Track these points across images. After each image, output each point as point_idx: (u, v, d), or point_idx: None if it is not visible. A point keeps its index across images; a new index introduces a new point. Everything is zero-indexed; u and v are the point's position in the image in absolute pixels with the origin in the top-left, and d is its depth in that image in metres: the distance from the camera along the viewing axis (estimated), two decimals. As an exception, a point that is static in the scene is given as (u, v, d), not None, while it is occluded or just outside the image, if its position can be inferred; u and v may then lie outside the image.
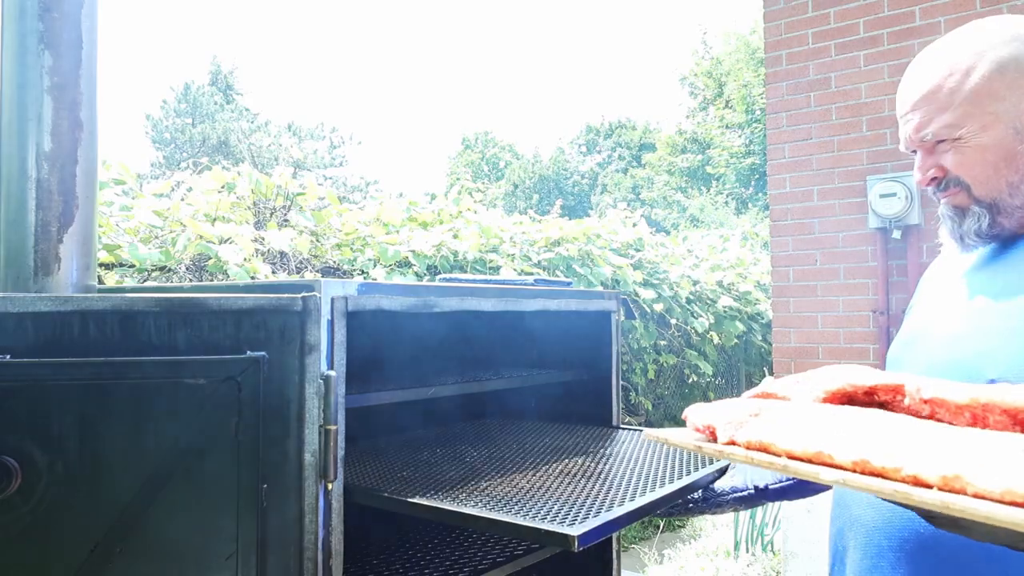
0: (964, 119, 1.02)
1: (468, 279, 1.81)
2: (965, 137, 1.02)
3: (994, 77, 1.00)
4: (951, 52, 1.05)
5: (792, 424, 0.81)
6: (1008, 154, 1.01)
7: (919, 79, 1.07)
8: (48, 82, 1.31)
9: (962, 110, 1.02)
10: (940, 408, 0.79)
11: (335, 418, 1.11)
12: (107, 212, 3.08)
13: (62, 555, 1.02)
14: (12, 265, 1.31)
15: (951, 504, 0.62)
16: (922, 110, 1.06)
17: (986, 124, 1.01)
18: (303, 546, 1.10)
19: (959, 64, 1.02)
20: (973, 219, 1.06)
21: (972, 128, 1.01)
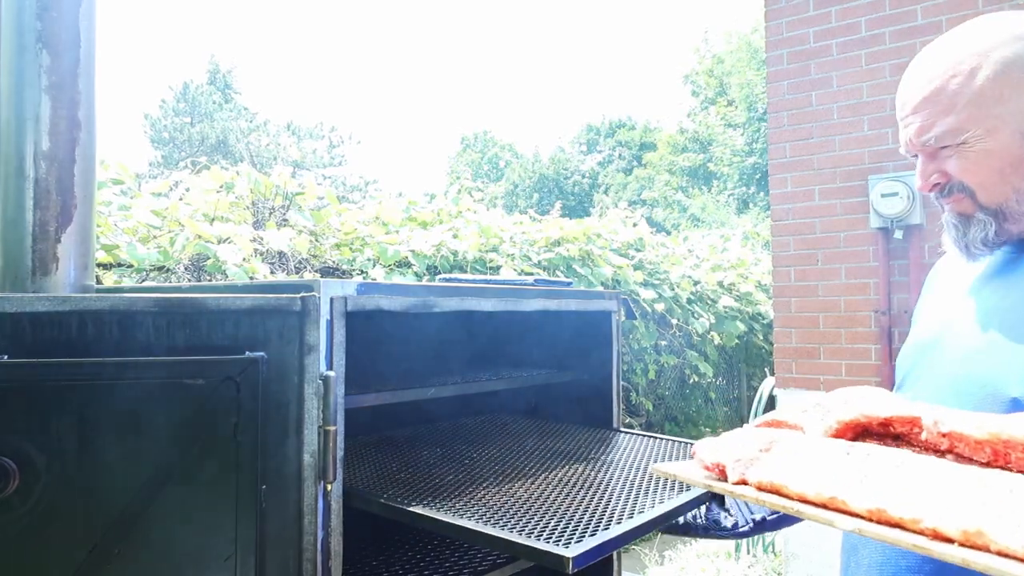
0: (968, 123, 0.97)
1: (468, 279, 1.80)
2: (969, 142, 0.97)
3: (999, 79, 0.95)
4: (953, 52, 1.00)
5: (805, 464, 0.78)
6: (1015, 159, 0.96)
7: (920, 80, 1.02)
8: (46, 81, 1.30)
9: (966, 114, 0.97)
10: (959, 443, 0.76)
11: (334, 419, 1.10)
12: (105, 212, 3.08)
13: (60, 556, 1.01)
14: (10, 265, 1.30)
15: (972, 562, 0.60)
16: (923, 113, 1.01)
17: (991, 128, 0.96)
18: (302, 547, 1.09)
19: (962, 65, 0.98)
20: (979, 227, 1.02)
21: (977, 132, 0.97)
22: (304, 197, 3.85)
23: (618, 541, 1.08)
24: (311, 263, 3.43)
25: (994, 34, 0.97)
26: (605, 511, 1.21)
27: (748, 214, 19.66)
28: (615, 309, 1.86)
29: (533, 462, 1.55)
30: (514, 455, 1.62)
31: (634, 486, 1.37)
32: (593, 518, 1.16)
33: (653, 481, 1.41)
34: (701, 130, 24.41)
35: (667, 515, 1.21)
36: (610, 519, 1.16)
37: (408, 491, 1.29)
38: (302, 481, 1.09)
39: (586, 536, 1.07)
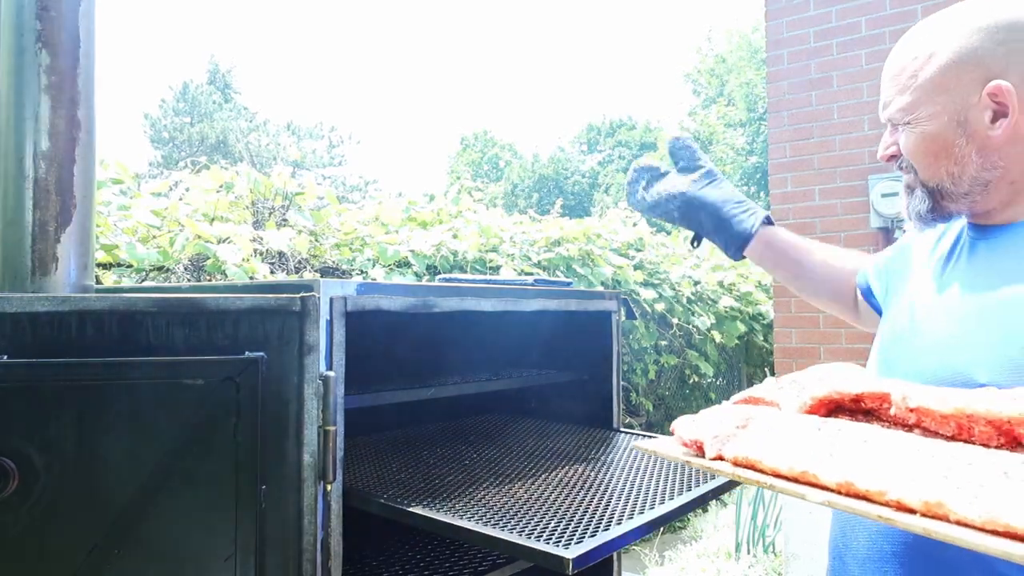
0: (915, 105, 1.04)
1: (468, 279, 1.80)
2: (914, 123, 1.05)
3: (948, 68, 1.01)
4: (922, 36, 1.06)
5: (779, 440, 0.82)
6: (947, 145, 1.03)
7: (893, 58, 1.10)
8: (45, 81, 1.30)
9: (914, 96, 1.04)
10: (926, 417, 0.80)
11: (334, 419, 1.10)
12: (105, 212, 3.07)
13: (60, 557, 1.01)
14: (9, 265, 1.30)
15: (932, 531, 0.63)
16: (888, 88, 1.09)
17: (933, 113, 1.02)
18: (302, 547, 1.09)
19: (923, 49, 1.04)
20: (916, 201, 1.10)
21: (920, 115, 1.03)
22: (304, 197, 3.84)
23: (618, 542, 1.08)
24: (311, 263, 3.43)
25: (959, 24, 1.02)
26: (605, 512, 1.21)
27: (748, 214, 19.61)
28: (615, 309, 1.86)
29: (533, 462, 1.55)
30: (514, 455, 1.62)
31: (634, 487, 1.37)
32: (593, 519, 1.16)
33: (653, 481, 1.41)
34: (702, 129, 24.39)
35: (667, 516, 1.21)
36: (610, 520, 1.16)
37: (408, 491, 1.29)
38: (302, 481, 1.09)
39: (586, 537, 1.07)
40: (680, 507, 1.26)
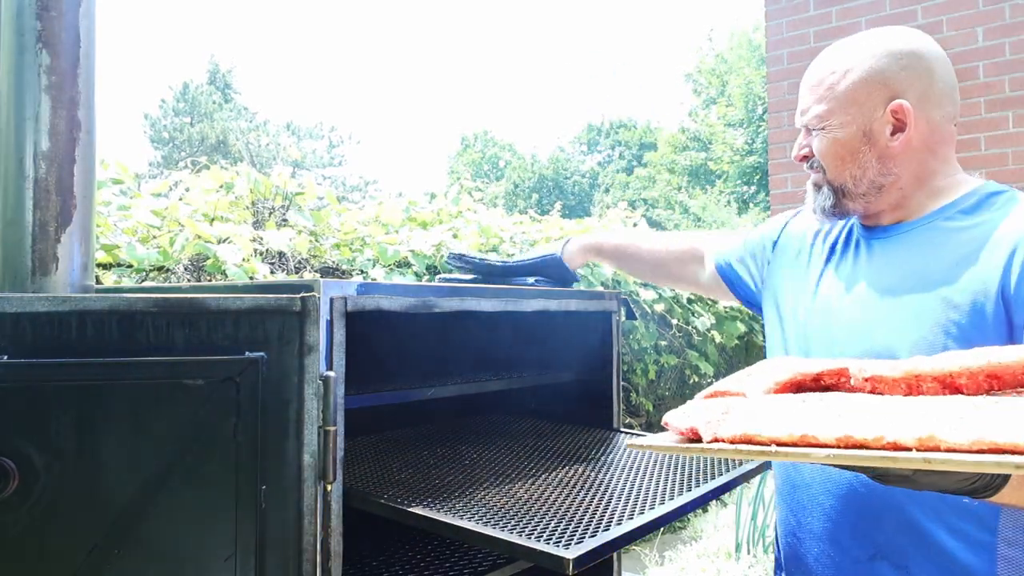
0: (829, 114, 1.20)
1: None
2: (827, 129, 1.20)
3: (859, 84, 1.17)
4: (842, 52, 1.22)
5: (769, 414, 0.88)
6: (853, 151, 1.19)
7: (813, 69, 1.26)
8: (45, 81, 1.30)
9: (829, 106, 1.20)
10: (880, 384, 0.92)
11: (334, 419, 1.10)
12: (105, 212, 3.07)
13: (60, 557, 1.01)
14: (9, 265, 1.30)
15: (932, 459, 0.72)
16: (806, 97, 1.25)
17: (844, 122, 1.19)
18: (302, 547, 1.09)
19: (841, 65, 1.20)
20: (823, 197, 1.25)
21: (833, 123, 1.19)
22: (304, 197, 3.84)
23: (618, 542, 1.08)
24: (311, 263, 3.43)
25: (873, 46, 1.18)
26: (605, 512, 1.21)
27: (748, 214, 19.65)
28: (615, 309, 1.86)
29: (533, 463, 1.55)
30: (514, 455, 1.62)
31: (634, 487, 1.37)
32: (593, 519, 1.16)
33: (653, 482, 1.41)
34: (702, 129, 24.38)
35: (667, 516, 1.21)
36: (610, 520, 1.16)
37: (408, 491, 1.29)
38: (302, 481, 1.09)
39: (586, 537, 1.07)
40: (680, 507, 1.26)
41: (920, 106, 1.15)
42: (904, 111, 1.14)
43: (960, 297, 1.07)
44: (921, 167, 1.18)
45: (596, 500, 1.28)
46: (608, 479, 1.43)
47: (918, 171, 1.18)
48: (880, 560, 1.13)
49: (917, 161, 1.17)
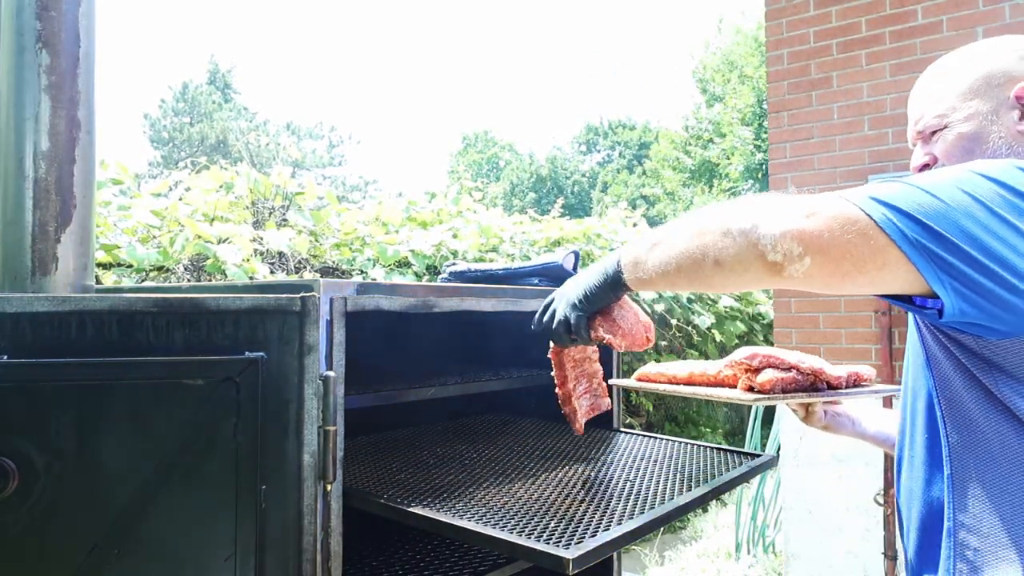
0: (951, 110, 1.15)
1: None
2: (950, 125, 1.14)
3: (978, 78, 1.13)
4: (949, 59, 1.19)
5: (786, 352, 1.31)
6: (981, 140, 1.12)
7: (920, 84, 1.21)
8: (45, 81, 1.30)
9: (950, 102, 1.15)
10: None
11: (334, 419, 1.10)
12: (105, 212, 3.07)
13: (60, 556, 1.01)
14: (9, 265, 1.30)
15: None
16: (917, 107, 1.19)
17: (967, 115, 1.13)
18: (302, 547, 1.09)
19: (953, 67, 1.18)
20: None
21: (956, 118, 1.14)
22: (304, 197, 3.84)
23: (618, 542, 1.08)
24: (311, 263, 3.43)
25: (982, 46, 1.16)
26: (605, 512, 1.21)
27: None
28: (615, 309, 1.86)
29: (533, 462, 1.55)
30: (514, 455, 1.62)
31: (634, 487, 1.37)
32: (593, 519, 1.16)
33: (653, 481, 1.41)
34: (705, 126, 24.37)
35: (667, 516, 1.21)
36: (610, 520, 1.16)
37: (408, 491, 1.29)
38: (302, 481, 1.09)
39: (586, 537, 1.07)
40: (680, 507, 1.26)
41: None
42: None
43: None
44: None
45: (596, 500, 1.28)
46: (608, 479, 1.43)
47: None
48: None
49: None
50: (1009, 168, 0.93)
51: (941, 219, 0.87)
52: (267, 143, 24.35)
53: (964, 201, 0.88)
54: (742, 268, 0.95)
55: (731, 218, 0.94)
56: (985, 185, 0.90)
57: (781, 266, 0.90)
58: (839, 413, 1.44)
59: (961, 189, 0.89)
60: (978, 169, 0.92)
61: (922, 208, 0.87)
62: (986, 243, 0.87)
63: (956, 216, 0.87)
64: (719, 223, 0.96)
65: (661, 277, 1.07)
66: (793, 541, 3.76)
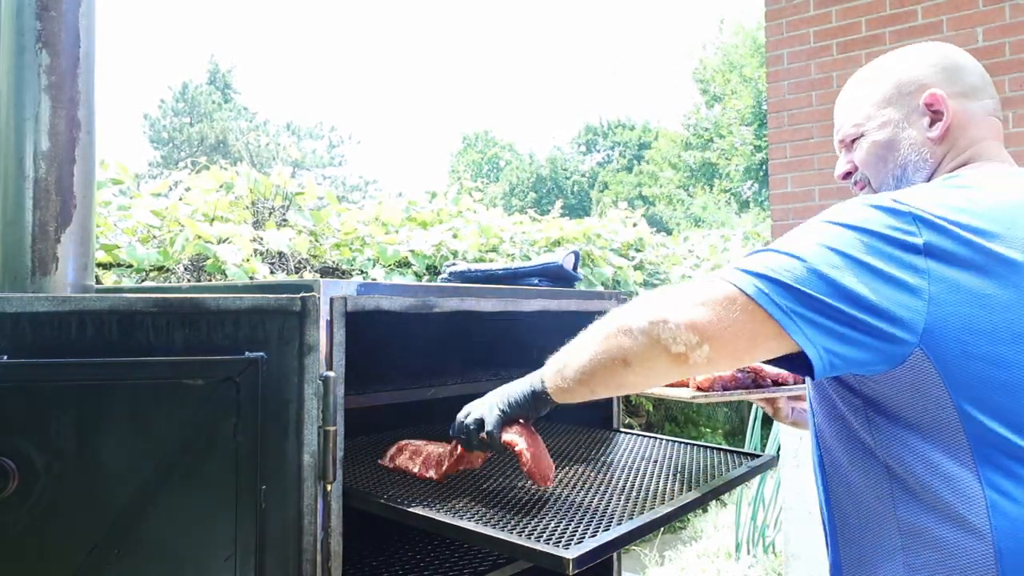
0: (866, 118, 1.20)
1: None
2: (866, 133, 1.19)
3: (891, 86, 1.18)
4: (868, 68, 1.25)
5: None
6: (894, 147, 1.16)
7: (843, 92, 1.28)
8: (45, 81, 1.30)
9: (865, 111, 1.20)
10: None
11: (334, 419, 1.10)
12: (105, 212, 3.07)
13: (60, 556, 1.01)
14: (9, 265, 1.30)
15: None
16: (840, 116, 1.25)
17: (881, 123, 1.18)
18: (302, 547, 1.09)
19: (870, 76, 1.23)
20: None
21: (870, 126, 1.19)
22: (304, 197, 3.84)
23: (618, 543, 1.08)
24: (311, 263, 3.43)
25: (897, 55, 1.21)
26: (605, 512, 1.21)
27: (749, 214, 19.65)
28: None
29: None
30: (514, 455, 1.61)
31: (634, 487, 1.37)
32: (593, 519, 1.16)
33: (653, 482, 1.41)
34: (705, 126, 24.37)
35: (667, 516, 1.21)
36: (610, 520, 1.16)
37: (408, 491, 1.29)
38: (302, 481, 1.09)
39: (586, 537, 1.07)
40: (680, 507, 1.26)
41: (955, 96, 1.13)
42: (938, 99, 1.12)
43: None
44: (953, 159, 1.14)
45: (596, 500, 1.28)
46: (608, 479, 1.43)
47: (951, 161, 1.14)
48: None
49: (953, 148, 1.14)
50: (862, 209, 0.95)
51: (810, 282, 0.90)
52: (267, 143, 24.36)
53: (825, 256, 0.91)
54: (650, 363, 0.97)
55: (632, 318, 0.98)
56: (842, 234, 0.92)
57: (685, 356, 0.93)
58: (805, 409, 1.46)
59: (821, 244, 0.92)
60: (832, 219, 0.95)
61: (790, 274, 0.90)
62: (849, 293, 0.89)
63: (816, 275, 0.90)
64: (621, 325, 1.00)
65: (581, 385, 1.10)
66: (793, 541, 3.76)
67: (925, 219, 0.91)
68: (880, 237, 0.90)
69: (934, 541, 0.92)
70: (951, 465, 0.91)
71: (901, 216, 0.91)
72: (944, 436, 0.91)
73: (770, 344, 0.92)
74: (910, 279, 0.88)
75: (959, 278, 0.89)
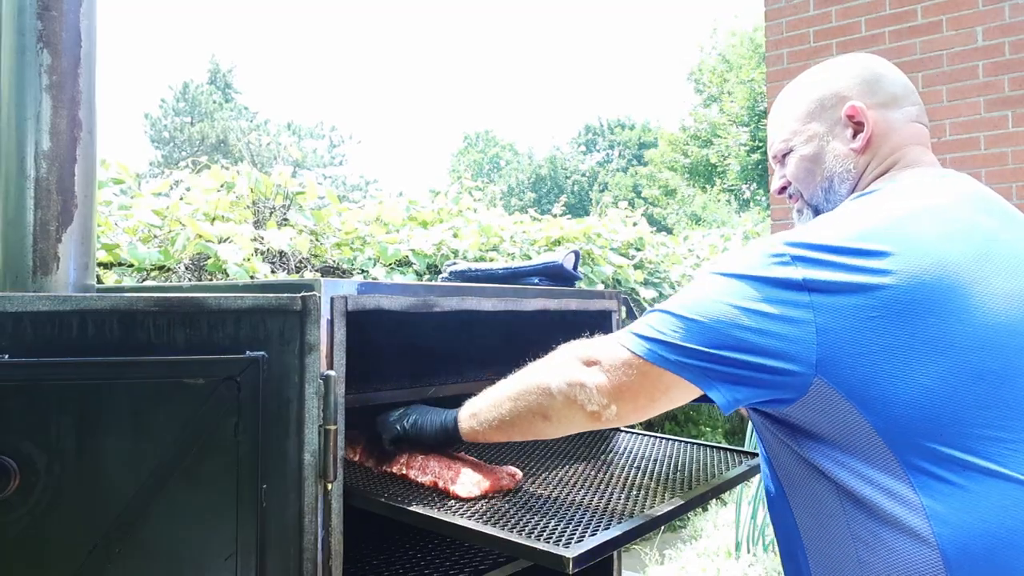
0: (793, 134, 1.23)
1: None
2: (794, 149, 1.22)
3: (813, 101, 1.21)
4: (792, 85, 1.27)
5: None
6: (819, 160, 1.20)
7: (772, 111, 1.29)
8: (47, 81, 1.30)
9: (791, 127, 1.23)
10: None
11: (335, 418, 1.10)
12: (106, 211, 3.07)
13: (61, 556, 1.01)
14: (11, 264, 1.30)
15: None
16: (771, 134, 1.28)
17: (807, 137, 1.21)
18: (303, 546, 1.09)
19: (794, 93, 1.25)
20: (805, 219, 1.25)
21: (797, 141, 1.22)
22: (305, 197, 3.84)
23: (618, 541, 1.08)
24: (312, 262, 3.43)
25: (818, 70, 1.24)
26: (606, 511, 1.21)
27: (748, 213, 19.64)
28: (615, 308, 1.86)
29: (533, 461, 1.56)
30: (514, 454, 1.62)
31: (635, 486, 1.37)
32: (593, 518, 1.16)
33: (653, 480, 1.42)
34: (704, 127, 24.35)
35: (667, 515, 1.22)
36: (611, 519, 1.16)
37: (409, 490, 1.29)
38: (303, 480, 1.09)
39: (586, 536, 1.07)
40: (680, 506, 1.26)
41: (875, 106, 1.16)
42: (858, 111, 1.16)
43: None
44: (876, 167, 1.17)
45: (596, 499, 1.28)
46: (608, 478, 1.43)
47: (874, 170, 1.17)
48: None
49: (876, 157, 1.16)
50: (746, 256, 1.00)
51: (694, 336, 0.97)
52: (268, 143, 24.35)
53: (707, 309, 0.98)
54: (568, 419, 1.10)
55: (550, 379, 1.10)
56: (727, 284, 0.98)
57: (599, 414, 1.05)
58: None
59: (707, 298, 0.99)
60: (719, 269, 1.01)
61: (676, 332, 0.98)
62: (734, 340, 0.95)
63: (702, 327, 0.97)
64: (541, 384, 1.11)
65: (497, 431, 1.21)
66: (793, 540, 3.76)
67: (802, 257, 0.95)
68: (762, 281, 0.95)
69: (888, 552, 0.93)
70: (885, 478, 0.92)
71: (780, 257, 0.96)
72: (870, 452, 0.93)
73: (671, 395, 1.02)
74: (794, 313, 0.92)
75: (845, 304, 0.91)
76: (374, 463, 1.42)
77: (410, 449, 1.36)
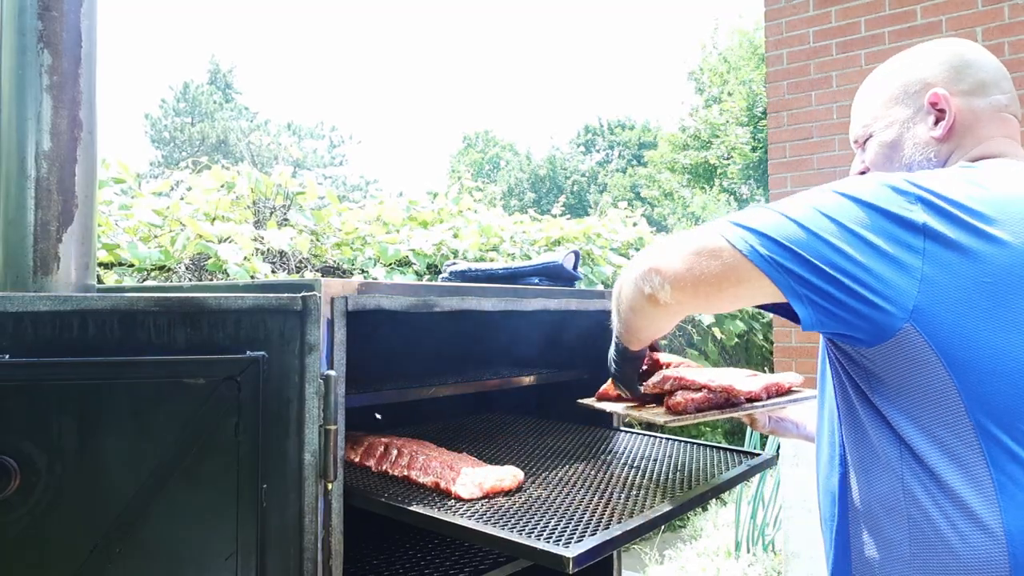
0: (874, 119, 1.21)
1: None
2: (874, 134, 1.20)
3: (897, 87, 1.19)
4: (878, 71, 1.25)
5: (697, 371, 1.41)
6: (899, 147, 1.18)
7: (856, 96, 1.27)
8: (47, 81, 1.30)
9: (873, 112, 1.21)
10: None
11: (335, 418, 1.10)
12: (106, 211, 3.08)
13: (61, 556, 1.02)
14: (11, 264, 1.30)
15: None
16: (854, 119, 1.26)
17: (888, 123, 1.19)
18: (303, 546, 1.09)
19: (878, 78, 1.23)
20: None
21: (878, 127, 1.20)
22: (305, 197, 3.85)
23: (618, 541, 1.09)
24: (312, 262, 3.43)
25: (905, 55, 1.21)
26: (605, 511, 1.21)
27: (748, 213, 19.58)
28: (615, 308, 1.86)
29: (534, 461, 1.56)
30: (515, 454, 1.62)
31: (634, 486, 1.37)
32: (593, 518, 1.17)
33: (653, 480, 1.42)
34: (703, 127, 24.34)
35: (667, 514, 1.22)
36: (610, 519, 1.16)
37: (409, 490, 1.29)
38: (303, 480, 1.09)
39: (586, 536, 1.07)
40: (680, 506, 1.26)
41: (960, 94, 1.12)
42: (941, 98, 1.12)
43: None
44: (960, 157, 1.13)
45: (596, 498, 1.28)
46: (608, 478, 1.43)
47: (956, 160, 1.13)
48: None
49: (959, 148, 1.13)
50: (870, 184, 0.96)
51: (793, 237, 0.93)
52: (268, 143, 24.35)
53: (817, 220, 0.94)
54: (639, 306, 1.09)
55: (631, 268, 1.09)
56: (843, 204, 0.94)
57: (656, 297, 1.03)
58: (782, 418, 1.53)
59: (818, 210, 0.95)
60: (838, 189, 0.97)
61: (777, 227, 0.94)
62: (835, 259, 0.91)
63: (807, 234, 0.93)
64: (626, 275, 1.12)
65: (630, 333, 1.23)
66: (793, 540, 3.76)
67: (929, 201, 0.92)
68: (881, 212, 0.92)
69: (945, 548, 0.90)
70: (954, 441, 0.90)
71: (906, 195, 0.93)
72: (944, 411, 0.91)
73: (740, 290, 0.97)
74: (904, 257, 0.90)
75: (959, 262, 0.89)
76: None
77: (622, 371, 1.39)
